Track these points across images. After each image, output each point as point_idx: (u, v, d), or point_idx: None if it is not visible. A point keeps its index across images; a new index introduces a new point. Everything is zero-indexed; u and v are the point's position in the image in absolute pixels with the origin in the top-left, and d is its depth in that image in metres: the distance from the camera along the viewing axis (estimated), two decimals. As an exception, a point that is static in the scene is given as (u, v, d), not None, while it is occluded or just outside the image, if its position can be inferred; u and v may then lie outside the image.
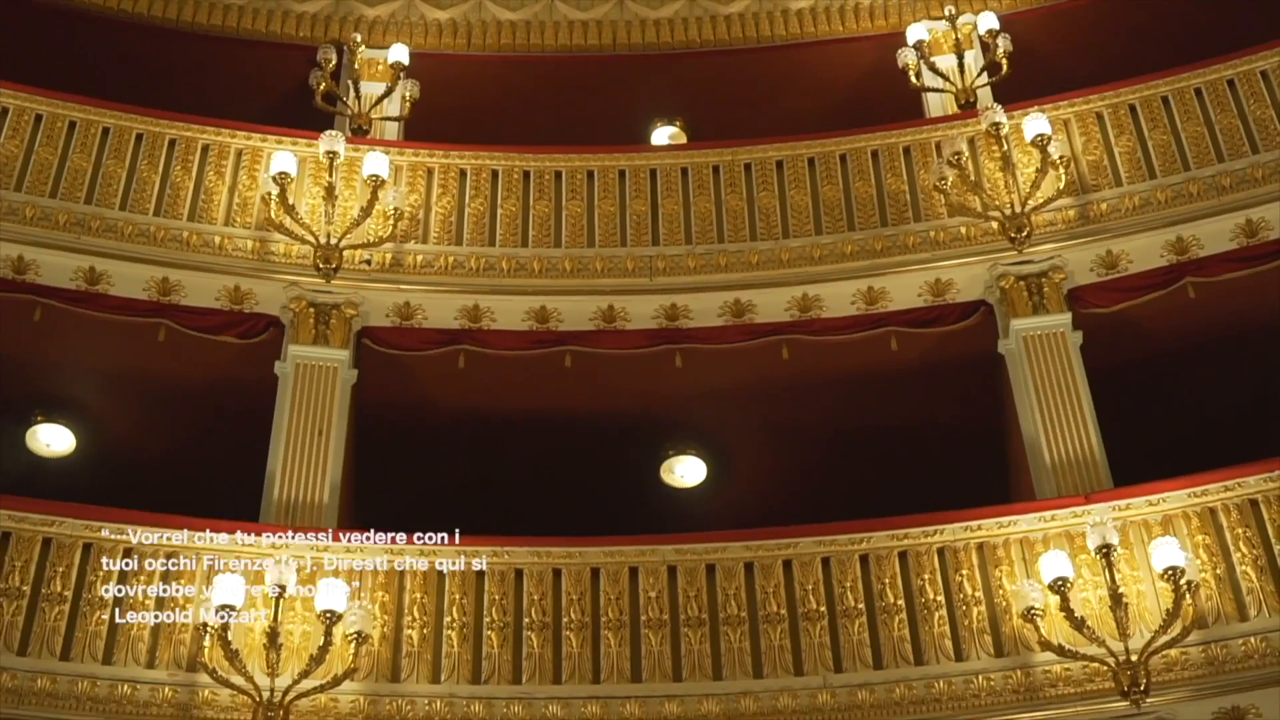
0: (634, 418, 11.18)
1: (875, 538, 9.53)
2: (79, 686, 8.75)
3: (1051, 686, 8.89)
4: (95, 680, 8.78)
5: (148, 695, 8.79)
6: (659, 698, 9.01)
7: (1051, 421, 10.11)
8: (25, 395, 11.05)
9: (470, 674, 9.08)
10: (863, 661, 9.10)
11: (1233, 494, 9.35)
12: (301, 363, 10.45)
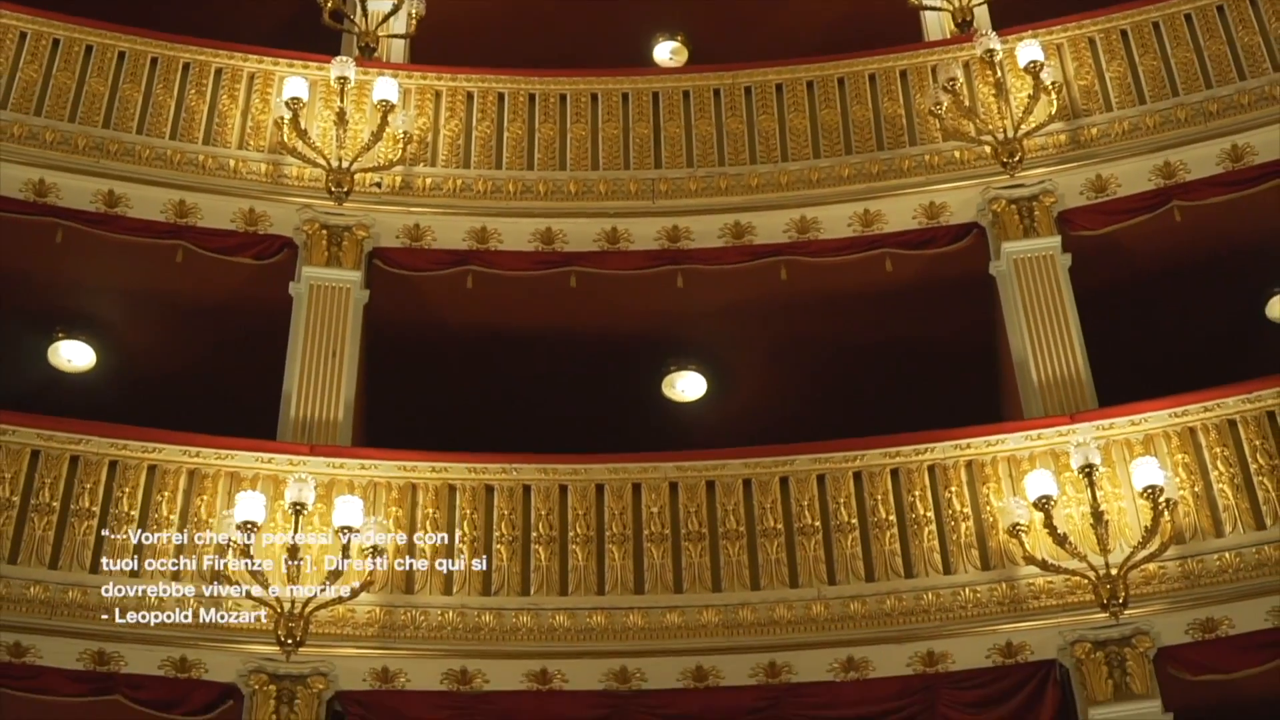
0: (637, 335, 11.52)
1: (868, 455, 9.95)
2: (108, 599, 9.19)
3: (1035, 599, 9.33)
4: (124, 592, 9.22)
5: (174, 605, 9.23)
6: (661, 609, 9.47)
7: (1040, 342, 10.47)
8: (47, 313, 11.40)
9: (480, 586, 9.53)
10: (855, 574, 9.54)
11: (1212, 414, 9.74)
12: (315, 284, 10.80)
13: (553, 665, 9.31)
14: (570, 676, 9.31)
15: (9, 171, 10.79)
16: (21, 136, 10.95)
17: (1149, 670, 9.08)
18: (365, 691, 9.23)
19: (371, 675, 9.25)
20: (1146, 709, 8.97)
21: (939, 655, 9.31)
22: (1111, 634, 9.14)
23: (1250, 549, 9.25)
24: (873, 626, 9.40)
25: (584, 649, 9.36)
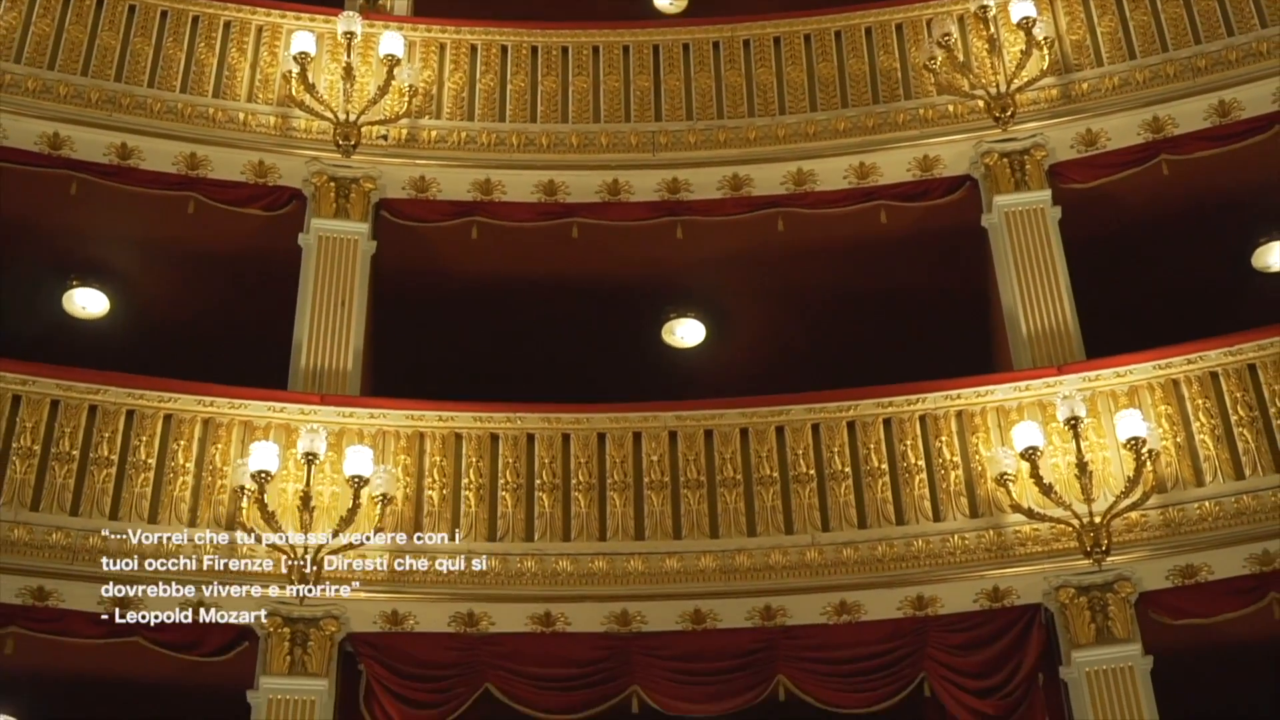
0: (637, 284, 11.79)
1: (861, 406, 10.26)
2: (127, 543, 9.52)
3: (1021, 546, 9.67)
4: (142, 538, 9.55)
5: (190, 551, 9.57)
6: (660, 554, 9.81)
7: (1029, 294, 10.75)
8: (62, 261, 11.65)
9: (487, 531, 9.86)
10: (848, 521, 9.88)
11: (1194, 367, 10.04)
12: (324, 235, 11.06)
13: (556, 608, 9.65)
14: (573, 619, 9.65)
15: (24, 125, 11.05)
16: (36, 90, 11.19)
17: (1130, 615, 9.41)
18: (376, 633, 9.56)
19: (382, 618, 9.58)
20: (1127, 652, 9.29)
21: (928, 599, 9.64)
22: (1095, 580, 9.46)
23: (1229, 498, 9.57)
24: (865, 572, 9.73)
25: (586, 593, 9.70)
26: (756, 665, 9.56)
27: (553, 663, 9.56)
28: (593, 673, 9.56)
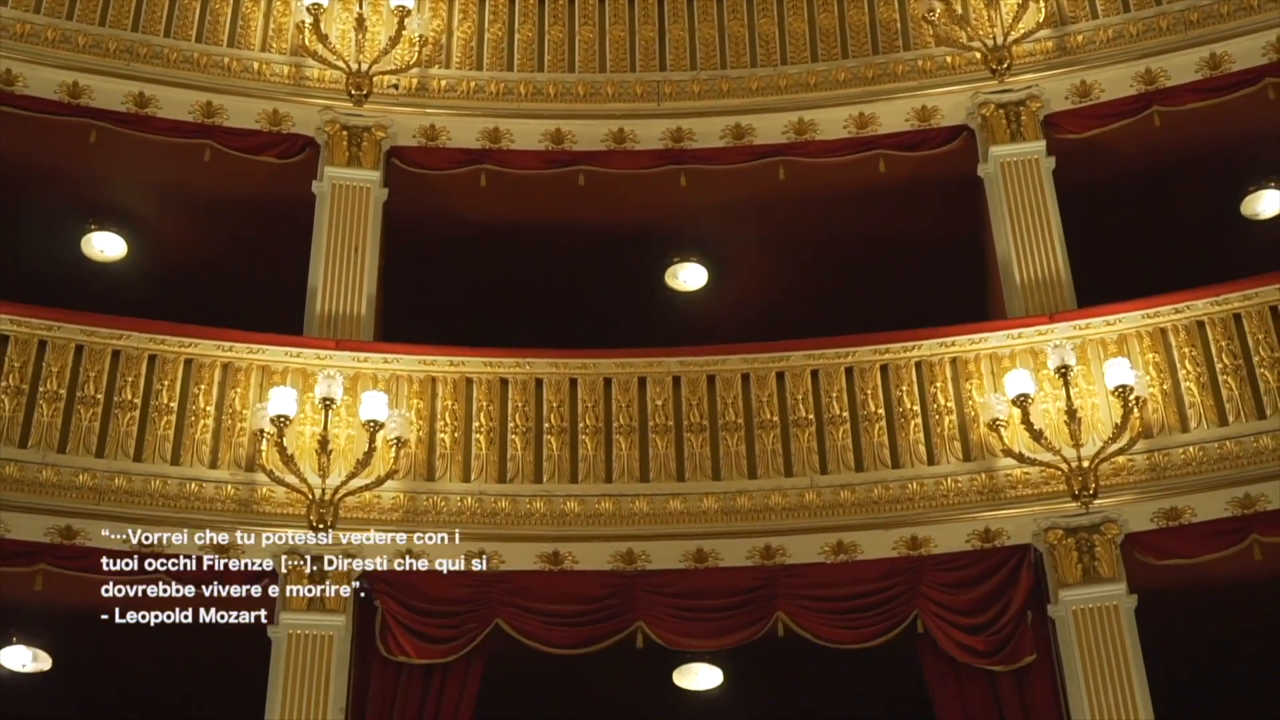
0: (642, 230, 12.06)
1: (859, 352, 10.60)
2: (151, 485, 9.91)
3: (1012, 489, 10.03)
4: (165, 479, 9.95)
5: (212, 492, 9.95)
6: (664, 496, 10.17)
7: (1023, 244, 11.05)
8: (82, 206, 11.93)
9: (497, 473, 10.22)
10: (846, 465, 10.23)
11: (1182, 316, 10.37)
12: (337, 184, 11.35)
13: (564, 547, 10.03)
14: (580, 557, 10.02)
15: (44, 74, 11.33)
16: (55, 40, 11.45)
17: (1116, 555, 9.77)
18: (390, 571, 9.88)
19: (396, 556, 9.92)
20: (1113, 591, 9.66)
21: (922, 540, 10.00)
22: (1082, 522, 9.82)
23: (1213, 444, 9.92)
24: (861, 513, 10.09)
25: (593, 532, 10.06)
26: (756, 603, 9.90)
27: (561, 600, 9.91)
28: (599, 609, 9.91)
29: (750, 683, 10.78)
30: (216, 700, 10.25)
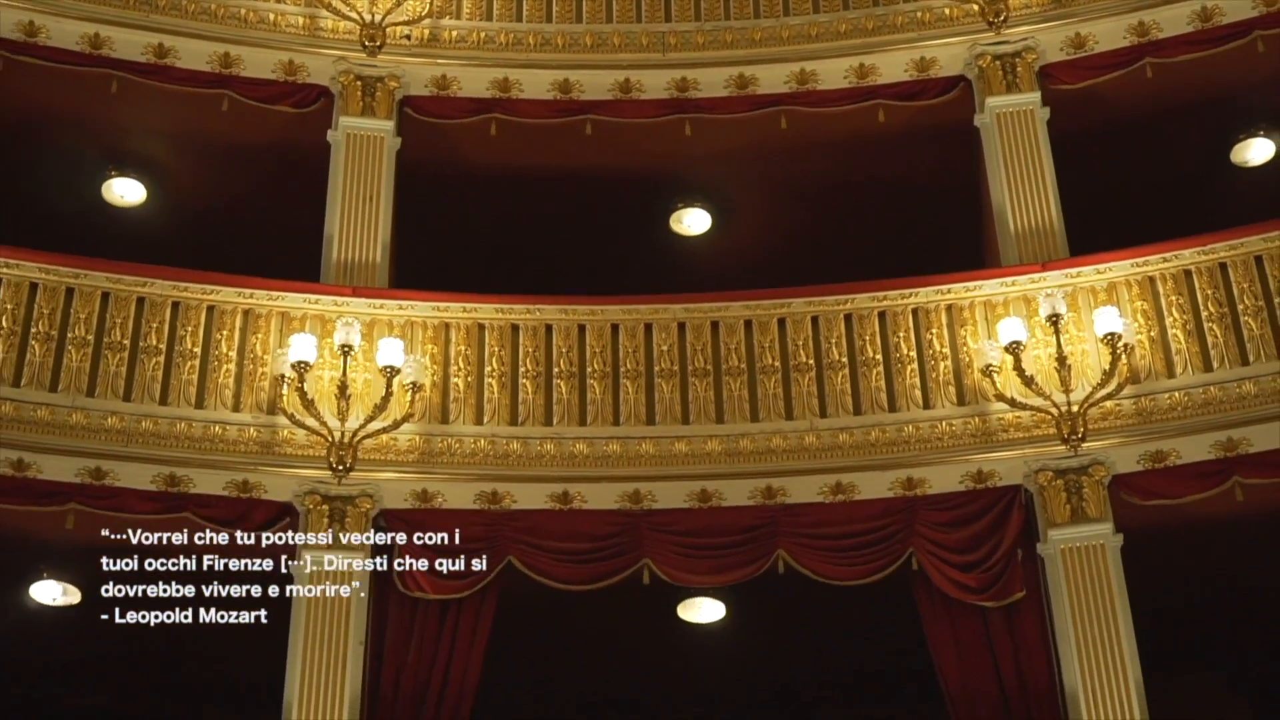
0: (647, 176, 12.37)
1: (858, 299, 10.95)
2: (177, 427, 10.29)
3: (1004, 432, 10.41)
4: (190, 422, 10.33)
5: (235, 434, 10.34)
6: (670, 438, 10.55)
7: (1017, 193, 11.36)
8: (102, 153, 12.25)
9: (509, 417, 10.60)
10: (844, 408, 10.61)
11: (1170, 265, 10.71)
12: (351, 133, 11.66)
13: (573, 488, 10.41)
14: (589, 497, 10.41)
15: (67, 26, 11.63)
16: (77, -8, 11.77)
17: (1103, 496, 10.15)
18: (407, 510, 10.31)
19: (412, 496, 10.34)
20: (1100, 530, 10.04)
21: (917, 481, 10.38)
22: (1071, 464, 10.20)
23: (1198, 389, 10.29)
24: (859, 455, 10.47)
25: (601, 473, 10.45)
26: (758, 541, 10.29)
27: (570, 538, 10.31)
28: (607, 547, 10.31)
29: (751, 616, 11.21)
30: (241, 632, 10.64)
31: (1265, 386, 10.19)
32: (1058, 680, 9.77)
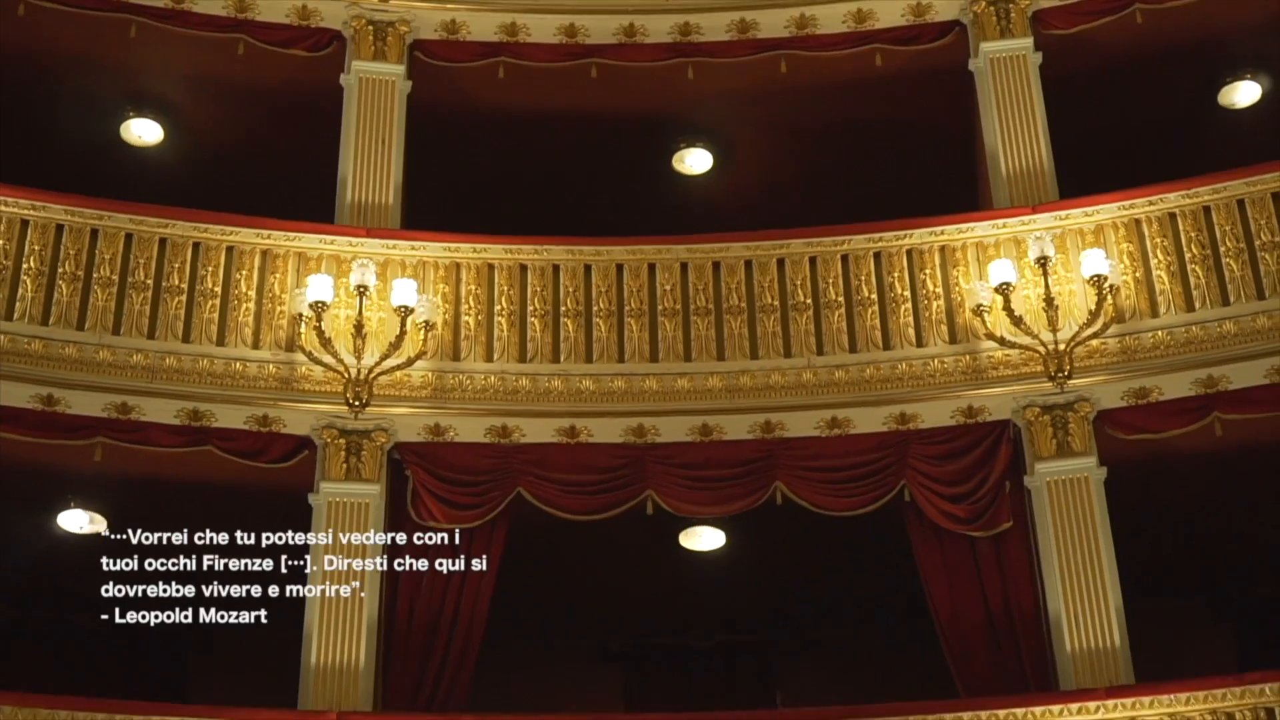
0: (651, 117, 12.67)
1: (854, 240, 11.32)
2: (199, 364, 10.71)
3: (993, 369, 10.81)
4: (212, 359, 10.75)
5: (255, 371, 10.76)
6: (673, 375, 10.96)
7: (1009, 136, 11.70)
8: (121, 95, 12.57)
9: (518, 354, 11.01)
10: (840, 346, 11.00)
11: (1155, 208, 11.07)
12: (364, 77, 11.98)
13: (580, 422, 10.84)
14: (595, 431, 10.84)
15: (88, -28, 11.97)
16: (95, -58, 12.07)
17: (1088, 431, 10.58)
18: (420, 443, 10.75)
19: (425, 430, 10.77)
20: (1084, 464, 10.47)
21: (910, 416, 10.80)
22: (1057, 400, 10.62)
23: (1180, 328, 10.67)
24: (854, 391, 10.87)
25: (606, 409, 10.87)
26: (757, 473, 10.72)
27: (577, 470, 10.75)
28: (612, 479, 10.75)
29: (750, 544, 11.69)
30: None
31: (1245, 326, 10.58)
32: (1042, 605, 10.23)
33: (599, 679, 12.66)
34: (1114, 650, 9.94)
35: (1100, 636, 10.00)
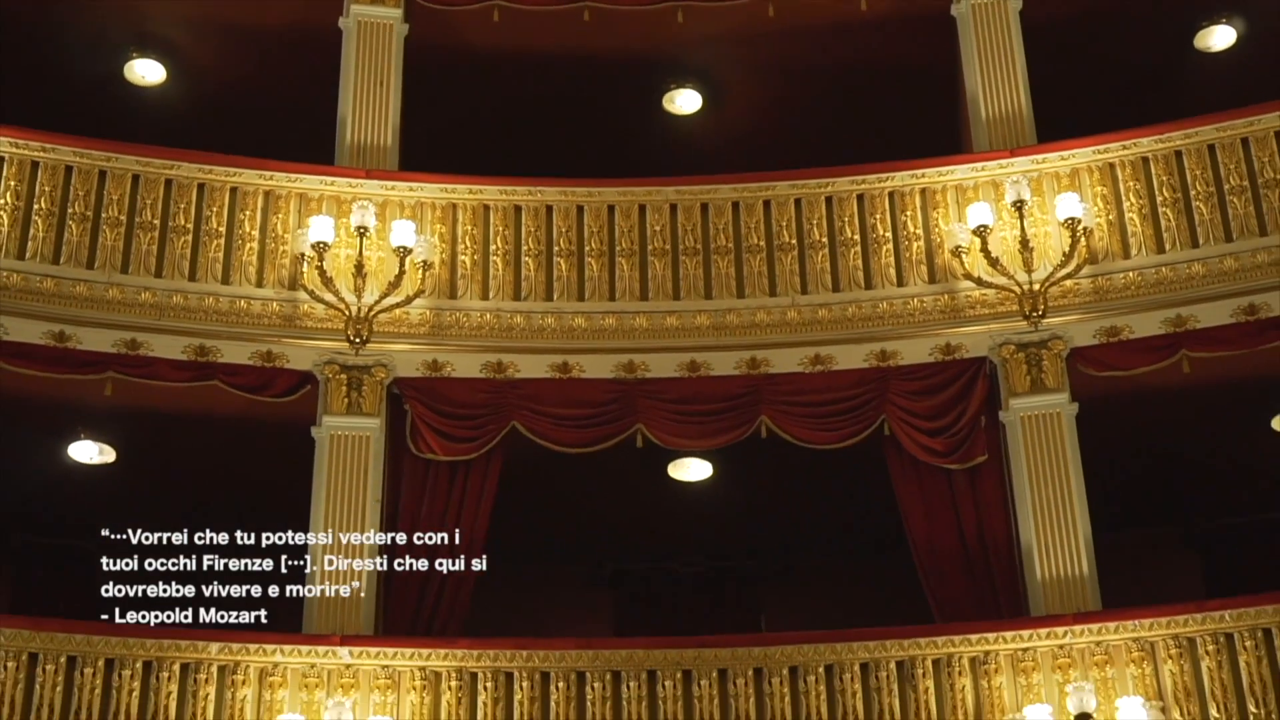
0: (642, 60, 12.99)
1: (838, 182, 11.67)
2: (205, 302, 11.09)
3: (971, 308, 11.20)
4: (218, 297, 11.12)
5: (259, 309, 11.14)
6: (662, 312, 11.35)
7: (989, 81, 12.04)
8: (125, 36, 12.86)
9: (512, 292, 11.39)
10: (824, 286, 11.39)
11: (1129, 152, 11.42)
12: (362, 20, 12.28)
13: (572, 358, 11.23)
14: (587, 367, 11.23)
15: (92, -86, 12.25)
16: (98, -110, 12.34)
17: (1061, 368, 10.97)
18: (419, 378, 11.12)
19: (423, 365, 11.16)
20: (1057, 399, 10.88)
21: (890, 353, 11.19)
22: (1032, 338, 11.01)
23: (1151, 269, 11.06)
24: (837, 329, 11.25)
25: (598, 345, 11.25)
26: (742, 407, 11.11)
27: (569, 404, 11.13)
28: (603, 413, 11.13)
29: (736, 475, 12.12)
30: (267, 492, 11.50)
31: (1213, 267, 10.97)
32: (1014, 535, 10.67)
33: (590, 604, 13.15)
34: (1083, 578, 10.39)
35: (1070, 565, 10.44)
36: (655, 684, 9.98)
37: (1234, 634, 9.87)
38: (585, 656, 10.06)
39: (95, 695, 9.72)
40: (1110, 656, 9.87)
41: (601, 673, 10.02)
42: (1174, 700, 9.73)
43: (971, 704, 9.88)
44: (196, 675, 9.84)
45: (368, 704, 9.82)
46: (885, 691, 9.94)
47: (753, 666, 10.00)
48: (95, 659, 9.82)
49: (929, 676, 9.97)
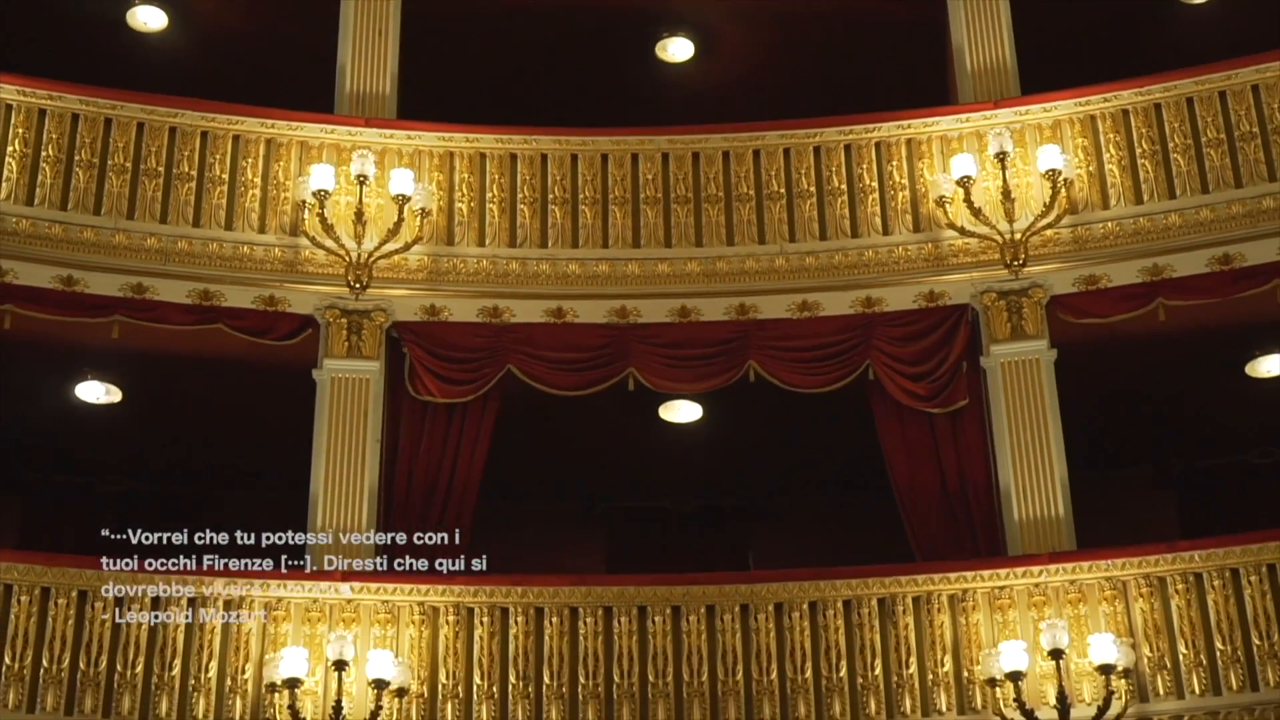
0: (635, 8, 13.18)
1: (826, 133, 11.95)
2: (209, 247, 11.38)
3: (954, 257, 11.51)
4: (221, 242, 11.41)
5: (262, 254, 11.43)
6: (654, 260, 11.65)
7: (975, 32, 12.31)
8: (127, -14, 13.17)
9: (508, 239, 11.68)
10: (811, 234, 11.69)
11: (1109, 105, 11.71)
12: (361, -29, 12.57)
13: (566, 304, 11.54)
14: (580, 312, 11.54)
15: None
16: None
17: (1041, 315, 11.28)
18: (417, 323, 11.42)
19: (422, 310, 11.46)
20: (1036, 346, 11.21)
21: (875, 300, 11.51)
22: (1013, 286, 11.33)
23: (1129, 220, 11.37)
24: (824, 276, 11.56)
25: (591, 291, 11.56)
26: (731, 352, 11.43)
27: (564, 348, 11.44)
28: (596, 357, 11.45)
29: (725, 418, 12.43)
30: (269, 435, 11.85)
31: (1189, 218, 11.29)
32: (993, 478, 11.03)
33: (583, 541, 13.50)
34: (1059, 519, 10.75)
35: (1046, 506, 10.80)
36: (645, 619, 10.35)
37: (1203, 574, 10.23)
38: (578, 593, 10.41)
39: (105, 629, 10.05)
40: (1083, 595, 10.24)
41: (594, 608, 10.38)
42: (1144, 637, 10.10)
43: (950, 640, 10.25)
44: (203, 609, 10.15)
45: (368, 637, 10.16)
46: (867, 628, 10.31)
47: (739, 603, 10.36)
48: (105, 594, 10.12)
49: (909, 613, 10.32)
